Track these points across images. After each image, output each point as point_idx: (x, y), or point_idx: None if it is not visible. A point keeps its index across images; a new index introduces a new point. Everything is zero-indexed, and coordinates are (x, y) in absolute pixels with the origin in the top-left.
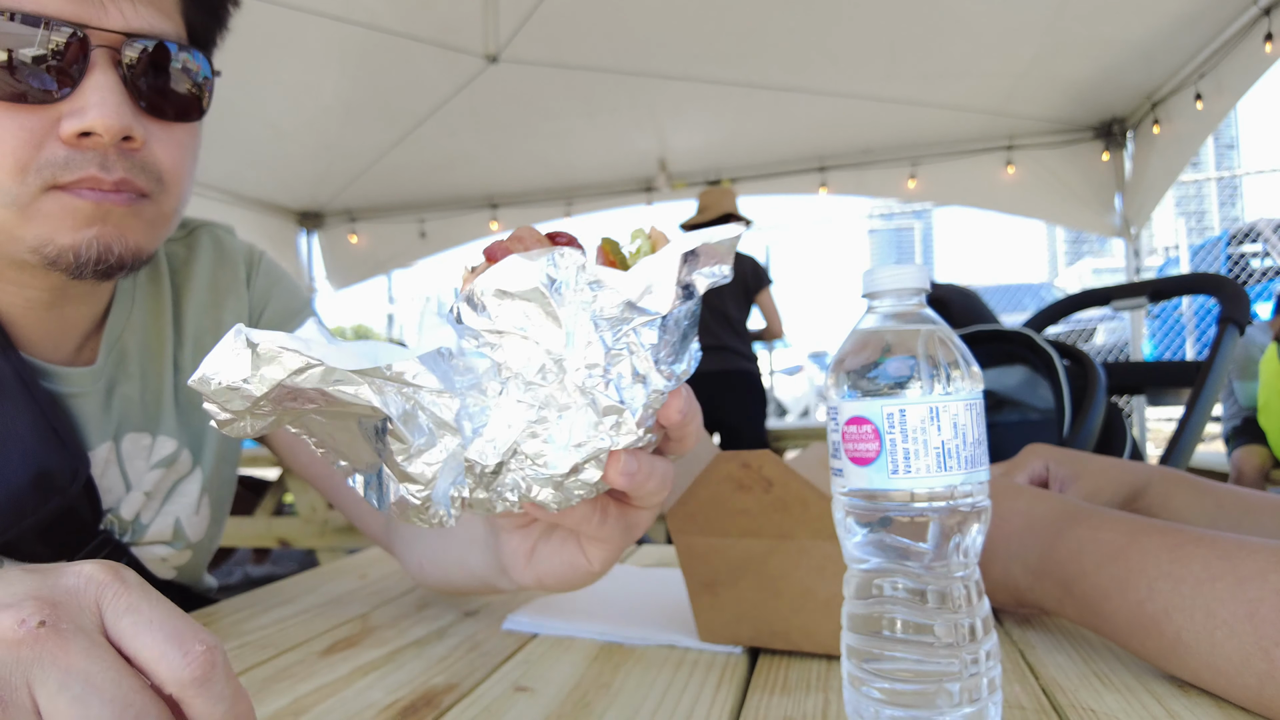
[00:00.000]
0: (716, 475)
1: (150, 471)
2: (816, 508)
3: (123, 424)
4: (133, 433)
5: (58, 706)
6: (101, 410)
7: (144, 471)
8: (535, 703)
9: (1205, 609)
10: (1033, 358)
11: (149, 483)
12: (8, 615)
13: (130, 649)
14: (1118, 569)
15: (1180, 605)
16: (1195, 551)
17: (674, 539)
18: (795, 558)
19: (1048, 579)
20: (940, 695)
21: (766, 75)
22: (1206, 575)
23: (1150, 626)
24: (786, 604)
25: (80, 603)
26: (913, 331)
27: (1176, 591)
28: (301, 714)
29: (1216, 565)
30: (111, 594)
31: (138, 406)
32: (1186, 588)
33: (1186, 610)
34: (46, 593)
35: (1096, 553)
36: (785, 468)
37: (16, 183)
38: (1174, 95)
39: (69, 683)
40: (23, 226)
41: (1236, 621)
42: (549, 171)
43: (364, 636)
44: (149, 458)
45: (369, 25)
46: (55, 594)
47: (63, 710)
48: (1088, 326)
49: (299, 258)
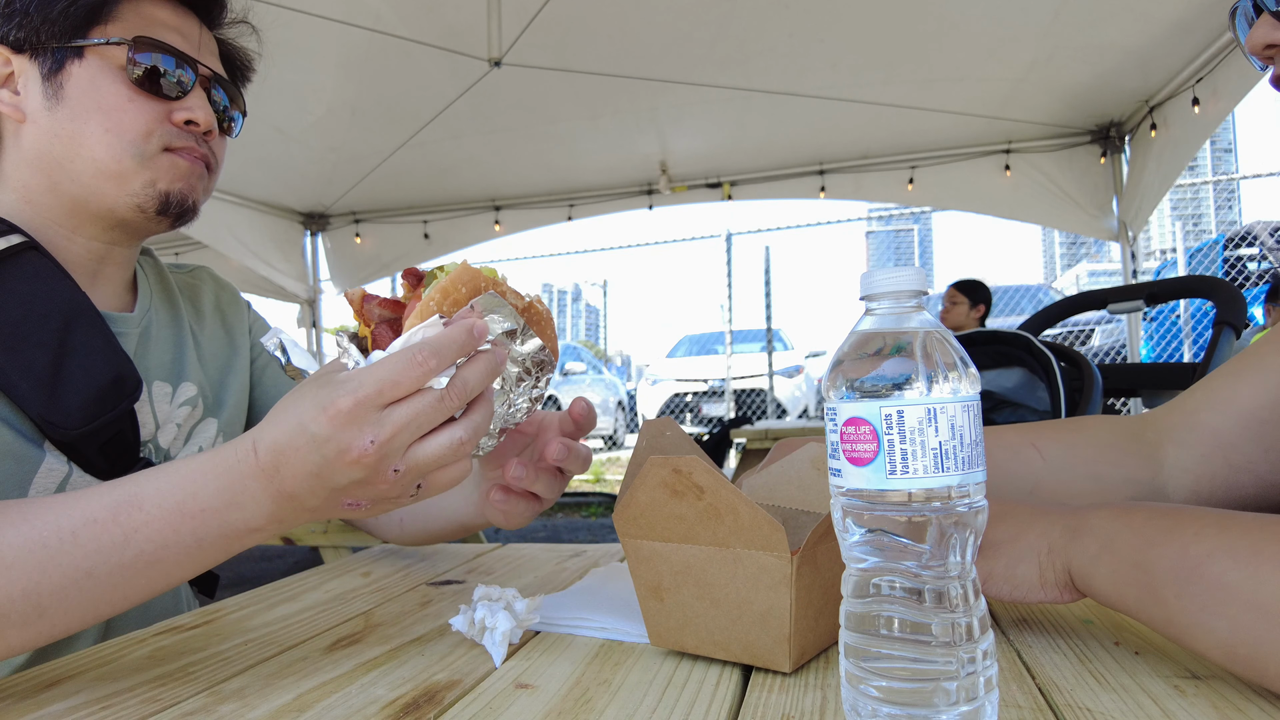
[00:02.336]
0: (652, 480)
1: (177, 409)
2: (748, 517)
3: (151, 371)
4: (159, 381)
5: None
6: (137, 352)
7: (171, 411)
8: (536, 699)
9: (1251, 548)
10: (1030, 360)
11: (179, 416)
12: (350, 446)
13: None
14: (1167, 520)
15: (1226, 547)
16: (1244, 515)
17: (621, 540)
18: (731, 566)
19: (1087, 536)
20: (937, 694)
21: (767, 80)
22: (1255, 524)
23: (1191, 570)
24: (725, 614)
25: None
26: (910, 333)
27: (1223, 535)
28: (305, 710)
29: (1267, 522)
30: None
31: (162, 360)
32: (1234, 533)
33: (1231, 551)
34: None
35: (1145, 511)
36: (716, 475)
37: (145, 142)
38: (1171, 100)
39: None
40: (138, 172)
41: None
42: (551, 174)
43: (367, 633)
44: (173, 400)
45: (373, 29)
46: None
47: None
48: (1084, 329)
49: (304, 259)
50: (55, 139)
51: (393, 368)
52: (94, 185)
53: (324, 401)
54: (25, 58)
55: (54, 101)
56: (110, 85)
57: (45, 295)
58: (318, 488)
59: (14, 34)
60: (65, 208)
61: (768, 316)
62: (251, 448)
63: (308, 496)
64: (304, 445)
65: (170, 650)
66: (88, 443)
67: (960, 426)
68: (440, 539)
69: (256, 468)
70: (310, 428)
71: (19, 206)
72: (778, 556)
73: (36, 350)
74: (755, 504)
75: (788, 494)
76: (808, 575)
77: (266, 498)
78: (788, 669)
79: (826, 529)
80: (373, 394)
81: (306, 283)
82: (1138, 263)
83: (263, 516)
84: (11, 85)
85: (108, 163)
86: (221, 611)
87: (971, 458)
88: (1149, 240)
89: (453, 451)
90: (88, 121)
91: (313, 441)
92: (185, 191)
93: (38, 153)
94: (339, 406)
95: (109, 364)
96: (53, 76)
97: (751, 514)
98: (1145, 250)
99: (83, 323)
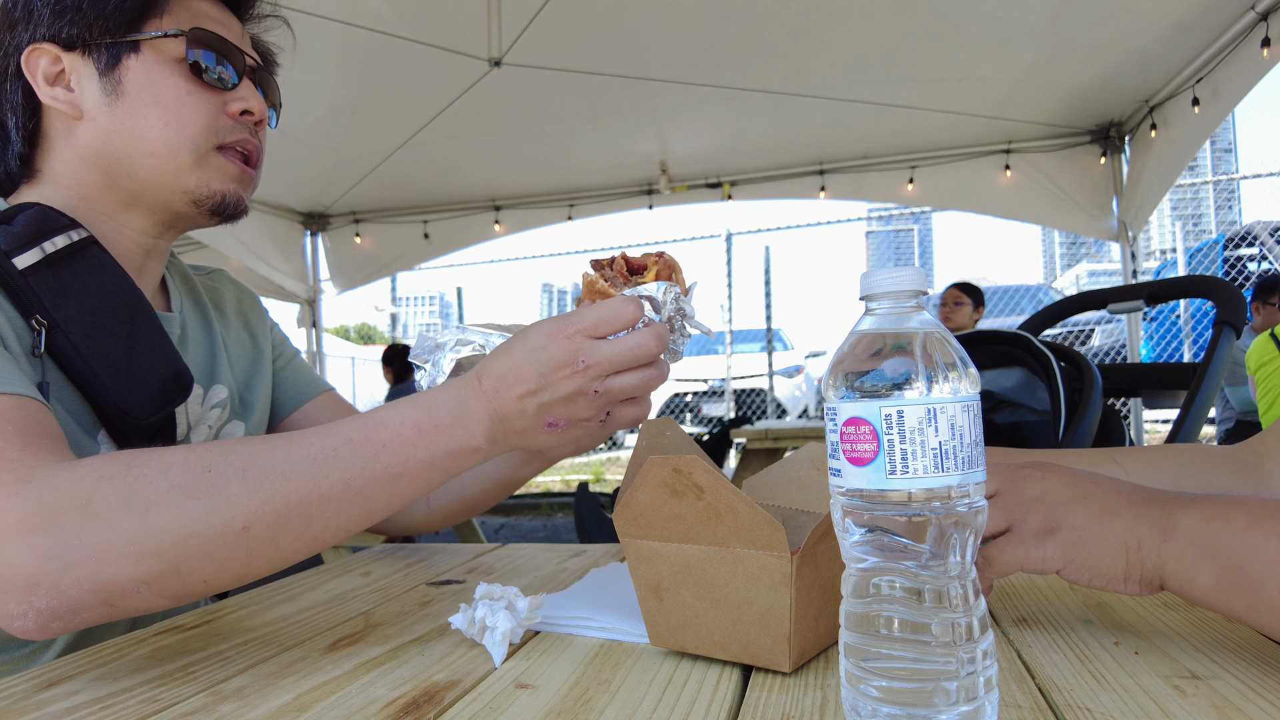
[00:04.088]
0: (652, 480)
1: (209, 411)
2: (747, 517)
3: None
4: (195, 382)
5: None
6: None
7: (203, 412)
8: (536, 699)
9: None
10: (1030, 360)
11: (211, 418)
12: (567, 360)
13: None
14: (1274, 524)
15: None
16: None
17: (621, 541)
18: (731, 566)
19: (1182, 540)
20: (937, 694)
21: (767, 80)
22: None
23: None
24: (725, 614)
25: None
26: (910, 333)
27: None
28: (305, 710)
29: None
30: None
31: (197, 361)
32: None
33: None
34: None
35: (1245, 513)
36: (716, 475)
37: (203, 137)
38: (1171, 100)
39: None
40: (193, 171)
41: None
42: (551, 174)
43: (367, 633)
44: (204, 402)
45: (373, 29)
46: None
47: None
48: (1084, 329)
49: (304, 259)
50: (114, 135)
51: (608, 310)
52: (151, 179)
53: (553, 329)
54: (76, 55)
55: (113, 98)
56: (168, 79)
57: (113, 288)
58: (528, 406)
59: (65, 31)
60: (120, 202)
61: (768, 316)
62: (477, 375)
63: (517, 417)
64: (527, 365)
65: (170, 650)
66: (140, 435)
67: (960, 426)
68: (475, 508)
69: (480, 391)
70: (537, 348)
71: (73, 203)
72: (777, 556)
73: (112, 340)
74: (755, 504)
75: (788, 494)
76: (807, 575)
77: (486, 417)
78: (787, 669)
79: (826, 529)
80: (589, 325)
81: (306, 283)
82: (1138, 263)
83: (482, 436)
84: (64, 83)
85: (166, 157)
86: (221, 611)
87: (971, 458)
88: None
89: (641, 384)
90: (146, 116)
91: (536, 360)
92: (239, 192)
93: (95, 149)
94: (566, 330)
95: (169, 359)
96: (110, 72)
97: (751, 514)
98: (1145, 250)
99: (143, 317)
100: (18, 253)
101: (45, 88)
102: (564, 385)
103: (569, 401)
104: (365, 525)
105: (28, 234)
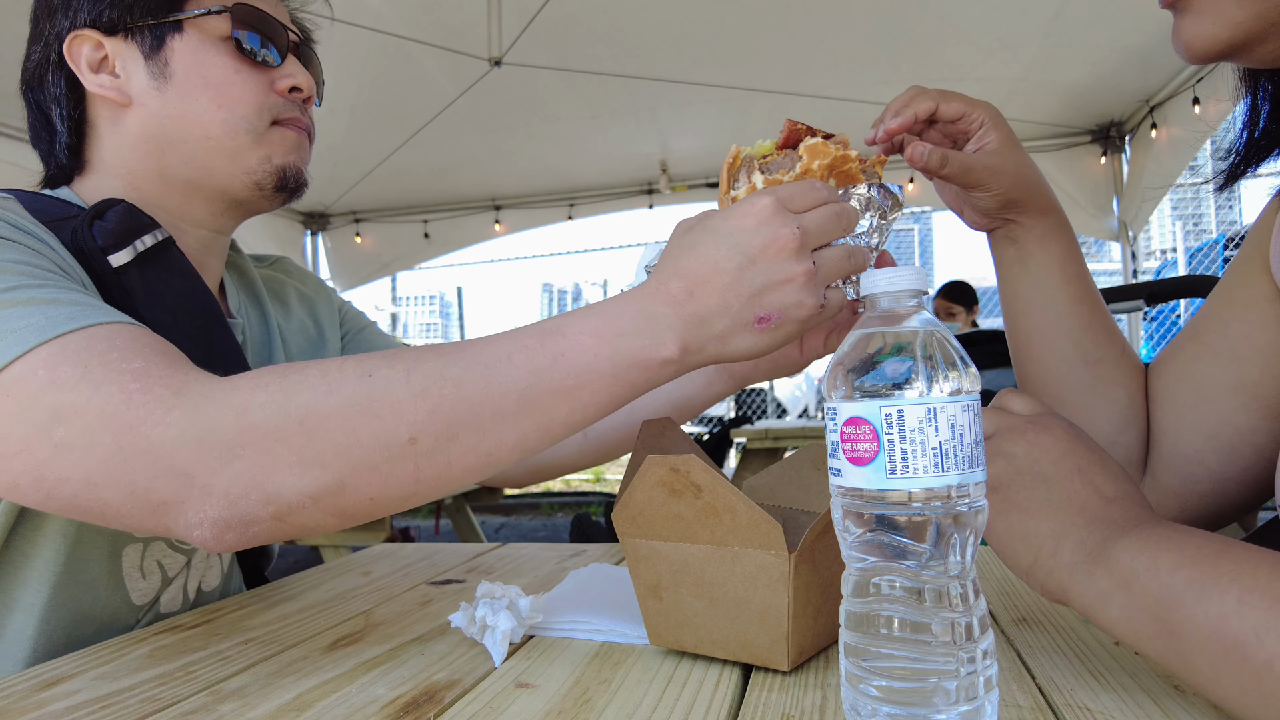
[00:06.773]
0: (650, 479)
1: None
2: (745, 515)
3: None
4: None
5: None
6: None
7: None
8: (536, 699)
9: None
10: None
11: None
12: (777, 235)
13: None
14: (1199, 573)
15: (1274, 626)
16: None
17: (620, 540)
18: (729, 565)
19: (1102, 566)
20: (937, 693)
21: (767, 79)
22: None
23: (1232, 648)
24: (723, 612)
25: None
26: (911, 333)
27: (1273, 609)
28: (305, 709)
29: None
30: None
31: (253, 365)
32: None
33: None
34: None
35: (1177, 553)
36: (713, 474)
37: (257, 116)
38: (1172, 100)
39: None
40: (253, 149)
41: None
42: (551, 174)
43: (367, 633)
44: None
45: (373, 29)
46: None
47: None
48: None
49: (305, 259)
50: (166, 119)
51: (797, 186)
52: (209, 164)
53: (744, 210)
54: (119, 39)
55: (162, 81)
56: (214, 58)
57: (191, 292)
58: (732, 300)
59: (106, 15)
60: (176, 191)
61: None
62: (662, 280)
63: (718, 317)
64: (723, 256)
65: (170, 650)
66: None
67: (960, 426)
68: (614, 447)
69: (667, 296)
70: (732, 231)
71: (127, 194)
72: (775, 555)
73: (194, 347)
74: (752, 503)
75: (788, 494)
76: (806, 574)
77: (678, 321)
78: (786, 667)
79: (824, 527)
80: (786, 197)
81: None
82: (1138, 263)
83: (673, 343)
84: (108, 69)
85: (223, 139)
86: (221, 611)
87: (972, 457)
88: (1149, 240)
89: (849, 259)
90: (198, 99)
91: (734, 243)
92: (299, 164)
93: (146, 136)
94: (762, 206)
95: (239, 366)
96: (155, 54)
97: (749, 513)
98: (1145, 250)
99: (218, 325)
100: (113, 250)
101: (90, 75)
102: (776, 266)
103: (784, 284)
104: (542, 445)
105: (121, 231)
